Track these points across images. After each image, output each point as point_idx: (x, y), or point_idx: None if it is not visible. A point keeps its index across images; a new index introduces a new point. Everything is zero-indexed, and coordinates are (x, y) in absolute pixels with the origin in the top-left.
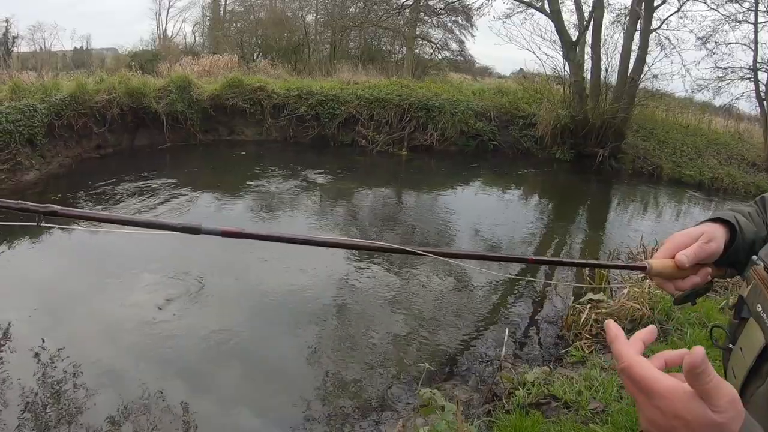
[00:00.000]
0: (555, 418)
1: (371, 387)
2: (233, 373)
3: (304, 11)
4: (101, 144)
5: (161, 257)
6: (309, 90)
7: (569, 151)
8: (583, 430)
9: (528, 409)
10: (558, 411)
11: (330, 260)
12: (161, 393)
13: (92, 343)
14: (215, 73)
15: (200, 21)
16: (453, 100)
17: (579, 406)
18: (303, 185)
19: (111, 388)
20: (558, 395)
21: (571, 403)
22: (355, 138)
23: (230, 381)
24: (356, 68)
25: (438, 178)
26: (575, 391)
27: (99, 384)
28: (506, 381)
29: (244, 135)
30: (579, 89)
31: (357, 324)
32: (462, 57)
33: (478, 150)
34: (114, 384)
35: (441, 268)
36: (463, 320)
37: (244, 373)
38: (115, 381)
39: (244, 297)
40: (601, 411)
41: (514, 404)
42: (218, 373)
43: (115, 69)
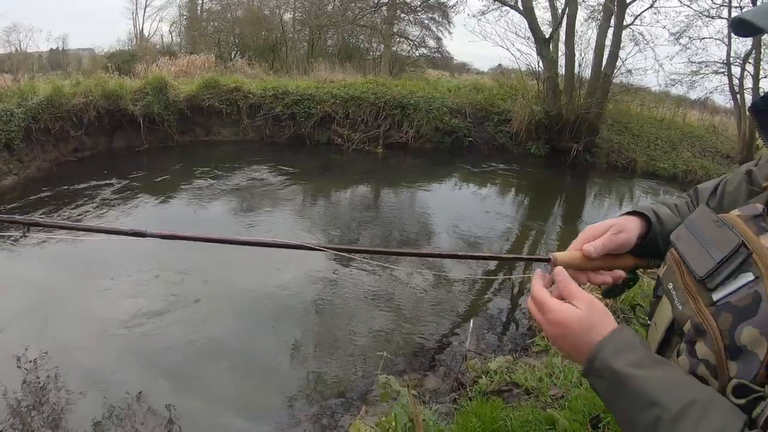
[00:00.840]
0: (515, 404)
1: (351, 381)
2: (218, 372)
3: (282, 9)
4: (78, 147)
5: (143, 260)
6: (285, 89)
7: (544, 146)
8: (541, 415)
9: (490, 396)
10: (519, 397)
11: (311, 259)
12: (146, 395)
13: (75, 348)
14: (192, 73)
15: (177, 20)
16: (428, 97)
17: (539, 392)
18: (280, 185)
19: (95, 392)
20: (520, 382)
21: (531, 389)
22: (331, 137)
23: (215, 381)
24: (333, 67)
25: (414, 175)
26: (536, 379)
27: (83, 388)
28: (471, 370)
29: (221, 135)
30: (552, 85)
31: (338, 321)
32: (439, 54)
33: (454, 146)
34: (98, 388)
35: (420, 265)
36: (439, 315)
37: (229, 372)
38: (99, 385)
39: (226, 297)
40: (560, 397)
41: (476, 392)
42: (203, 373)
43: (91, 70)
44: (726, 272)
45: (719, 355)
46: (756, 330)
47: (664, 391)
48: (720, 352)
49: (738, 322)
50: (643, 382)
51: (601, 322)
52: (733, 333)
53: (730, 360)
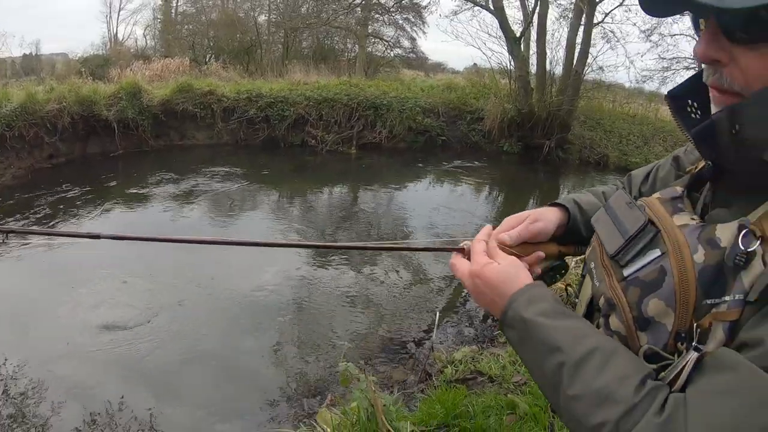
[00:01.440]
0: (479, 391)
1: (329, 378)
2: (198, 377)
3: (256, 12)
4: (53, 154)
5: (118, 267)
6: (259, 92)
7: (517, 144)
8: (502, 400)
9: (454, 384)
10: (483, 385)
11: (288, 259)
12: (126, 402)
13: (53, 357)
14: (167, 77)
15: (151, 24)
16: (401, 97)
17: (503, 379)
18: (255, 188)
19: (75, 401)
20: (484, 371)
21: (495, 377)
22: (305, 138)
23: (195, 385)
24: (308, 68)
25: (388, 175)
26: (500, 367)
27: (63, 397)
28: (438, 361)
29: (196, 139)
30: (524, 83)
31: (316, 321)
32: (414, 54)
33: (427, 146)
34: (78, 397)
35: (397, 263)
36: (413, 311)
37: (209, 376)
38: (79, 393)
39: (204, 301)
40: (522, 383)
41: (441, 380)
42: (183, 377)
43: (65, 75)
44: (636, 249)
45: (629, 326)
46: (662, 302)
47: (568, 339)
48: (629, 324)
49: (645, 295)
50: (550, 329)
51: (517, 276)
52: (641, 305)
53: (639, 331)
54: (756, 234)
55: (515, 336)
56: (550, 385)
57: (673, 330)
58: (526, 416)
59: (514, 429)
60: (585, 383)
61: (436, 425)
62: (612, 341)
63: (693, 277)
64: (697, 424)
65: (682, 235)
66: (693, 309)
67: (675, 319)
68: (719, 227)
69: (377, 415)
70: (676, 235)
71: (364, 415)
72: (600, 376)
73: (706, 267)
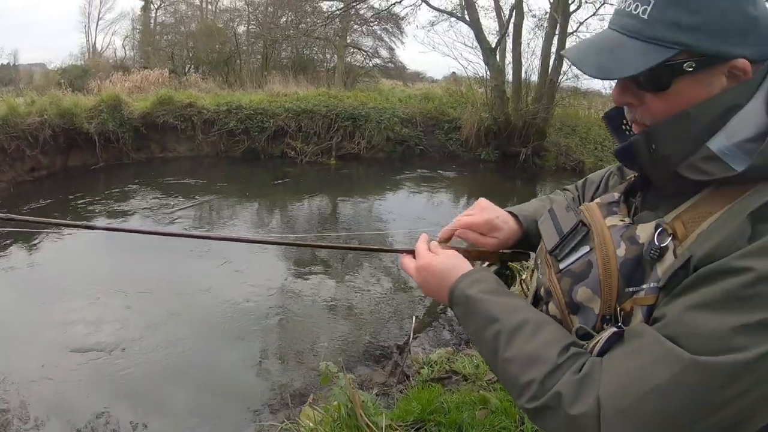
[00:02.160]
0: (453, 389)
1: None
2: (180, 387)
3: (236, 22)
4: (35, 166)
5: (99, 280)
6: (238, 104)
7: (494, 152)
8: (475, 397)
9: (430, 383)
10: (457, 383)
11: (270, 267)
12: (109, 417)
13: (34, 373)
14: (146, 89)
15: (130, 34)
16: (379, 108)
17: (476, 378)
18: (236, 200)
19: (57, 417)
20: (458, 370)
21: (469, 376)
22: (285, 150)
23: (178, 396)
24: (287, 79)
25: (367, 184)
26: (474, 366)
27: (45, 414)
28: (415, 363)
29: (177, 152)
30: (500, 92)
31: (298, 330)
32: (392, 63)
33: (405, 155)
34: (60, 412)
35: (378, 272)
36: (393, 317)
37: (191, 386)
38: (61, 409)
39: (186, 313)
40: (495, 381)
41: (418, 380)
42: (166, 389)
43: (44, 86)
44: (570, 246)
45: (562, 311)
46: (589, 290)
47: (504, 312)
48: (563, 309)
49: (575, 283)
50: (489, 303)
51: (460, 265)
52: (571, 293)
53: (572, 314)
54: (668, 232)
55: (461, 311)
56: (489, 351)
57: (600, 313)
58: (498, 410)
59: (486, 422)
60: (517, 348)
61: (413, 420)
62: (543, 315)
63: (615, 269)
64: (607, 379)
65: (609, 233)
66: (616, 295)
67: (601, 304)
68: (640, 227)
69: (356, 410)
70: (604, 234)
71: (344, 411)
72: (530, 341)
73: (627, 260)
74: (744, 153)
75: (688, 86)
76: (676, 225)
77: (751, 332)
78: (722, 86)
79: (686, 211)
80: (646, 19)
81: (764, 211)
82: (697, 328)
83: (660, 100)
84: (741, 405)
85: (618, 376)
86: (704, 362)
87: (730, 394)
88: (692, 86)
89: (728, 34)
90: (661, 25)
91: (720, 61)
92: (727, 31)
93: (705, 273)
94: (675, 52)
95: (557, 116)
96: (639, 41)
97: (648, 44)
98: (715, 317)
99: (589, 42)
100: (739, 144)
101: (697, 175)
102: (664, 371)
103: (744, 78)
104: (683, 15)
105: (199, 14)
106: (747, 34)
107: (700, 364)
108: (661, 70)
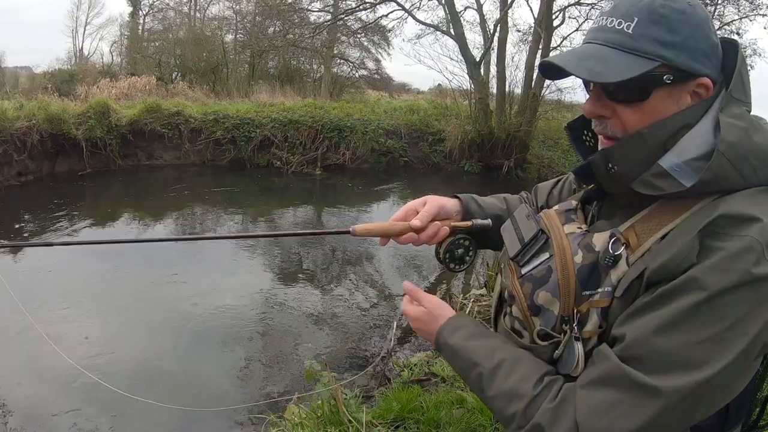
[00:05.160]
0: (432, 390)
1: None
2: (164, 397)
3: (223, 31)
4: (22, 171)
5: (76, 290)
6: (225, 114)
7: (477, 164)
8: (452, 397)
9: (410, 384)
10: (436, 385)
11: (252, 279)
12: (90, 428)
13: (13, 383)
14: (133, 96)
15: (118, 40)
16: (365, 119)
17: (454, 379)
18: (221, 209)
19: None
20: (437, 373)
21: (447, 377)
22: (271, 160)
23: (162, 406)
24: (274, 90)
25: (352, 196)
26: (451, 369)
27: (23, 424)
28: (396, 366)
29: (163, 159)
30: (483, 105)
31: (281, 337)
32: (379, 75)
33: (390, 167)
34: (39, 423)
35: (361, 281)
36: (379, 326)
37: (175, 396)
38: (41, 420)
39: (167, 322)
40: None
41: (398, 382)
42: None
43: (30, 90)
44: (531, 253)
45: (524, 313)
46: (549, 293)
47: (483, 355)
48: (525, 311)
49: (536, 288)
50: (469, 350)
51: (441, 313)
52: (533, 296)
53: (533, 316)
54: (622, 241)
55: (447, 357)
56: (476, 390)
57: (559, 315)
58: (474, 409)
59: (463, 420)
60: (498, 386)
61: (393, 418)
62: (517, 351)
63: (573, 274)
64: (581, 405)
65: (567, 241)
66: (574, 299)
67: (560, 306)
68: (596, 235)
69: (339, 406)
70: (562, 241)
71: (327, 407)
72: (508, 379)
73: (584, 266)
74: (692, 170)
75: (662, 100)
76: (629, 235)
77: (708, 347)
78: (687, 104)
79: (639, 222)
80: (631, 34)
81: (711, 228)
82: (654, 350)
83: (635, 112)
84: (703, 412)
85: (590, 401)
86: (664, 389)
87: (692, 410)
88: (665, 100)
89: (697, 54)
90: (644, 40)
91: (691, 77)
92: (697, 52)
93: (661, 293)
94: (657, 65)
95: (540, 129)
96: (624, 52)
97: (633, 55)
98: (673, 337)
99: (570, 52)
100: (688, 162)
101: (649, 191)
102: (630, 398)
103: (706, 95)
104: (664, 33)
105: (187, 22)
106: (710, 57)
107: (660, 392)
108: (643, 79)
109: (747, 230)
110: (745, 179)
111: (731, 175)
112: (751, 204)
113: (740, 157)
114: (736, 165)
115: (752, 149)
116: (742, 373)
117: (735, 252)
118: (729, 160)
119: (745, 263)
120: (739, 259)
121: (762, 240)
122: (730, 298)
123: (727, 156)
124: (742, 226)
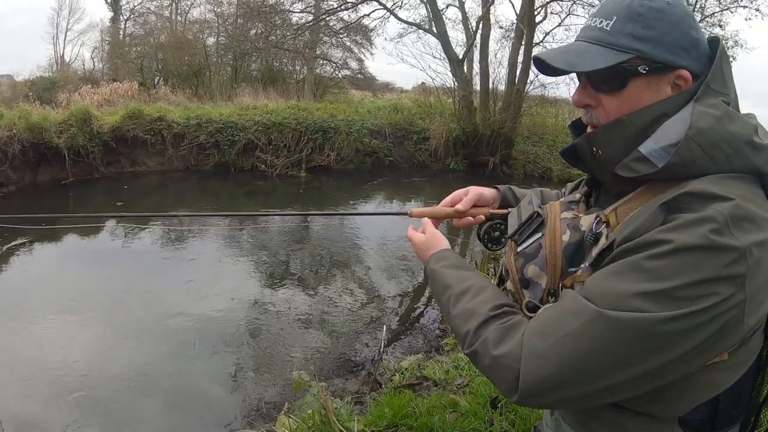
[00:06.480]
0: (424, 394)
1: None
2: (154, 406)
3: (205, 34)
4: (3, 182)
5: (64, 296)
6: (208, 118)
7: (462, 161)
8: (445, 401)
9: (402, 389)
10: (428, 389)
11: (241, 283)
12: None
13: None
14: (115, 102)
15: (99, 45)
16: (348, 120)
17: (446, 382)
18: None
19: None
20: (429, 376)
21: (439, 381)
22: (255, 163)
23: (149, 413)
24: (257, 92)
25: (338, 197)
26: (444, 371)
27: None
28: (387, 370)
29: (147, 166)
30: (467, 103)
31: (271, 342)
32: (362, 75)
33: (375, 166)
34: None
35: (351, 284)
36: (370, 329)
37: (165, 405)
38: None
39: (155, 328)
40: (465, 385)
41: (390, 387)
42: (139, 407)
43: (11, 98)
44: (527, 233)
45: (516, 285)
46: (537, 267)
47: (455, 280)
48: (516, 283)
49: (526, 262)
50: (444, 274)
51: (436, 244)
52: (523, 270)
53: (523, 288)
54: (603, 221)
55: (430, 281)
56: (445, 311)
57: (546, 288)
58: (467, 413)
59: (456, 425)
60: (461, 307)
61: (385, 425)
62: (487, 281)
63: (560, 251)
64: (531, 325)
65: (559, 223)
66: (560, 274)
67: (547, 280)
68: (584, 218)
69: (329, 417)
70: (555, 223)
71: (318, 418)
72: (471, 301)
73: (570, 244)
74: (668, 155)
75: (640, 89)
76: (610, 216)
77: (657, 298)
78: (667, 95)
79: (621, 205)
80: (609, 30)
81: (676, 203)
82: (607, 289)
83: (615, 100)
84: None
85: (539, 323)
86: (607, 315)
87: (634, 352)
88: (643, 90)
89: (674, 48)
90: (620, 35)
91: (668, 69)
92: (673, 46)
93: (624, 247)
94: (631, 57)
95: (525, 125)
96: (601, 47)
97: (608, 49)
98: (625, 281)
99: (558, 48)
100: (665, 147)
101: (628, 173)
102: (576, 320)
103: (685, 87)
104: (639, 29)
105: (168, 26)
106: (689, 51)
107: (603, 315)
108: (618, 69)
109: (711, 205)
110: (718, 165)
111: (701, 159)
112: (718, 185)
113: (711, 143)
114: (707, 151)
115: (725, 137)
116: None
117: (696, 218)
118: (699, 145)
119: (704, 229)
120: (699, 224)
121: (725, 213)
122: (685, 257)
123: (697, 141)
124: (706, 202)
